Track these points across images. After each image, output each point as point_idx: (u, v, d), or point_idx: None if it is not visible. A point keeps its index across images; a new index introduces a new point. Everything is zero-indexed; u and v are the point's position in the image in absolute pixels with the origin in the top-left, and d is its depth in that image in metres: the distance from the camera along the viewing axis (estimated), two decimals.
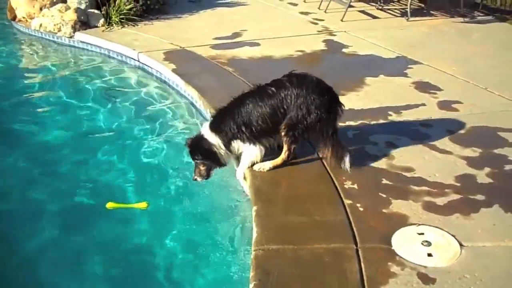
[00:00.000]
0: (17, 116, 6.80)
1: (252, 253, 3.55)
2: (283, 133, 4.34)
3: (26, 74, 8.24)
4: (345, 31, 8.69)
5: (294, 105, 4.24)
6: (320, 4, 10.27)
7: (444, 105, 5.76)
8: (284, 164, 4.51)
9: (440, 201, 4.04)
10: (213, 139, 4.41)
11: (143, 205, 4.63)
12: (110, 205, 4.60)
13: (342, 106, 4.46)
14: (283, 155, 4.47)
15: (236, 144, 4.44)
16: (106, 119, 6.61)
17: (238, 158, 4.62)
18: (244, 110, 4.34)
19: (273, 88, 4.31)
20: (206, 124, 4.53)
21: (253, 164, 4.49)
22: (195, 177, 4.56)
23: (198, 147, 4.46)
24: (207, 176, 4.56)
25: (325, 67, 6.98)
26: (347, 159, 4.38)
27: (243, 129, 4.34)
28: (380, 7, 10.11)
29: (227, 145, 4.43)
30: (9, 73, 8.26)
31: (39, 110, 6.93)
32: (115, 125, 6.45)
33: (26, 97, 7.35)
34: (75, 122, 6.60)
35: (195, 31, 8.94)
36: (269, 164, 4.52)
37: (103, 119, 6.65)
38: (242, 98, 4.43)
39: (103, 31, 9.00)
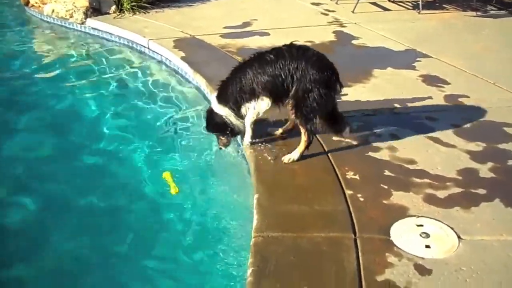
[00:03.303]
0: (28, 97, 6.97)
1: (252, 239, 3.60)
2: (293, 116, 4.40)
3: (37, 59, 8.30)
4: (355, 23, 8.66)
5: (294, 80, 4.25)
6: None
7: (451, 98, 5.75)
8: (309, 145, 4.52)
9: (441, 194, 4.07)
10: (222, 110, 4.58)
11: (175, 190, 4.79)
12: (166, 175, 4.90)
13: (341, 84, 4.49)
14: (304, 137, 4.48)
15: (245, 107, 4.53)
16: (115, 104, 6.73)
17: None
18: (245, 78, 4.43)
19: (272, 56, 4.34)
20: (213, 97, 4.71)
21: (254, 117, 4.57)
22: (220, 146, 4.87)
23: (211, 121, 4.71)
24: (229, 143, 4.85)
25: (333, 59, 6.76)
26: (346, 130, 4.56)
27: (248, 94, 4.45)
28: None
29: (237, 111, 4.55)
30: (20, 57, 8.33)
31: (49, 92, 7.07)
32: (123, 109, 6.59)
33: (35, 80, 7.46)
34: (84, 106, 6.72)
35: (205, 19, 8.95)
36: (296, 154, 4.52)
37: (111, 104, 6.76)
38: (242, 67, 4.53)
39: (114, 18, 9.04)
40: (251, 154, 4.69)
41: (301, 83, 4.23)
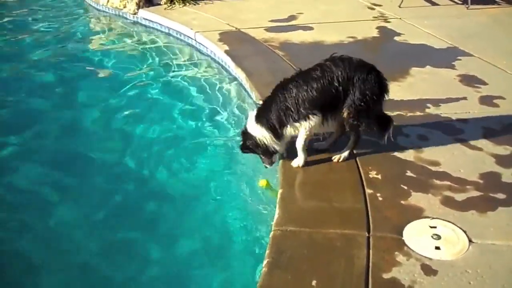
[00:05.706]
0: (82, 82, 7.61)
1: (271, 232, 3.83)
2: (350, 121, 4.40)
3: (91, 46, 8.84)
4: (400, 18, 8.66)
5: (348, 89, 4.28)
6: None
7: (486, 100, 5.74)
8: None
9: (459, 196, 4.16)
10: (257, 131, 4.45)
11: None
12: (263, 183, 4.86)
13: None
14: (353, 137, 4.62)
15: (289, 129, 4.44)
16: (164, 94, 7.13)
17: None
18: (288, 95, 4.34)
19: (318, 73, 4.30)
20: (252, 115, 4.56)
21: (307, 138, 4.49)
22: (264, 164, 4.72)
23: (245, 141, 4.60)
24: (271, 161, 4.67)
25: (372, 56, 6.98)
26: (389, 130, 4.62)
27: (290, 112, 4.34)
28: None
29: (277, 134, 4.43)
30: (76, 43, 8.89)
31: (99, 77, 7.70)
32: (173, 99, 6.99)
33: (89, 69, 7.99)
34: (133, 96, 7.16)
35: (252, 12, 9.18)
36: (347, 152, 4.65)
37: (159, 93, 7.16)
38: (285, 84, 4.43)
39: (165, 9, 9.40)
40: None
41: (356, 92, 4.28)
